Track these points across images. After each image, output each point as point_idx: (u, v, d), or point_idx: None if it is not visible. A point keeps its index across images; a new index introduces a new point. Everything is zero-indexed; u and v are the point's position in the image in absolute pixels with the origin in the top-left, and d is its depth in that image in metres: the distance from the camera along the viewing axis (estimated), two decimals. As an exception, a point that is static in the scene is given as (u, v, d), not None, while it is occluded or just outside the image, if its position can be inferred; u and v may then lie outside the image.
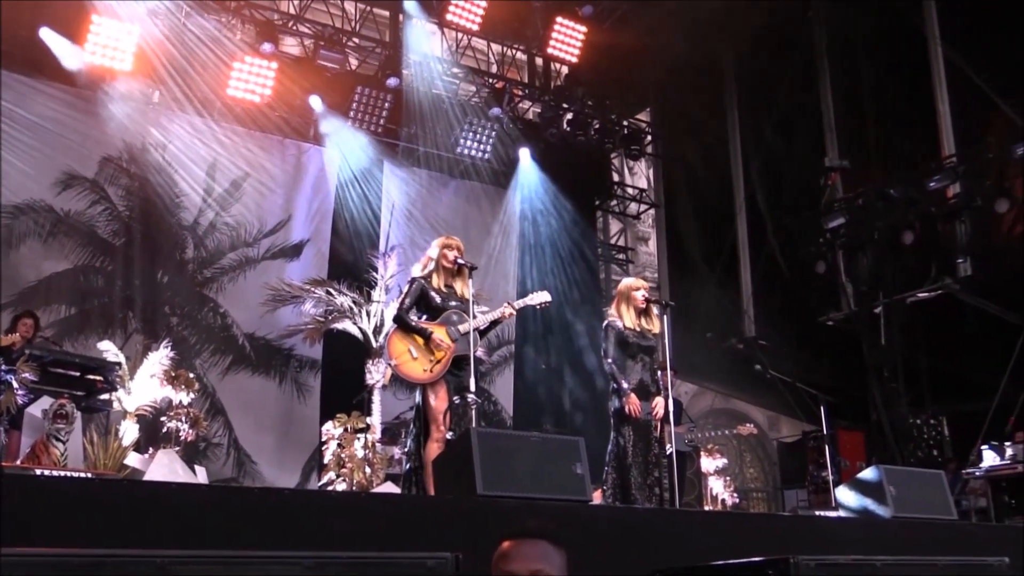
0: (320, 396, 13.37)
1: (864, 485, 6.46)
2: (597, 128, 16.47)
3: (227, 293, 13.26)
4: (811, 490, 13.85)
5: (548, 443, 5.26)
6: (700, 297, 15.94)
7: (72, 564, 2.39)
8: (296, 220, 13.88)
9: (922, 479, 6.80)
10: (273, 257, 13.63)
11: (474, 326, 6.64)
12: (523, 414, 15.26)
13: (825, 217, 14.84)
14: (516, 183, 15.78)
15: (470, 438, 4.79)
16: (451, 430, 6.42)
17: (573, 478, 4.99)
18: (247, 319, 13.18)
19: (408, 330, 6.68)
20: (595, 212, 17.73)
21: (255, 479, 12.67)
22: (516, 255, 15.90)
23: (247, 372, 13.17)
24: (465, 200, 15.44)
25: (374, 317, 12.85)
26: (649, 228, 19.95)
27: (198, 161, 13.02)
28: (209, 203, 13.20)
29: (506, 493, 4.65)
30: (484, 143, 15.01)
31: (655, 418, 7.12)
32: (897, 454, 13.26)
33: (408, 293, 6.80)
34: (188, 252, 13.10)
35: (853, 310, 14.84)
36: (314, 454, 12.26)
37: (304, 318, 12.86)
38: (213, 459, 12.38)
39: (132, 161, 12.57)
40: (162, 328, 12.42)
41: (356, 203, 14.16)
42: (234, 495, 4.17)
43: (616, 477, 6.99)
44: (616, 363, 7.14)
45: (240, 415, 12.90)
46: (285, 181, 13.88)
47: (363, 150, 14.21)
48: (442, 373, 6.59)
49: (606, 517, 5.20)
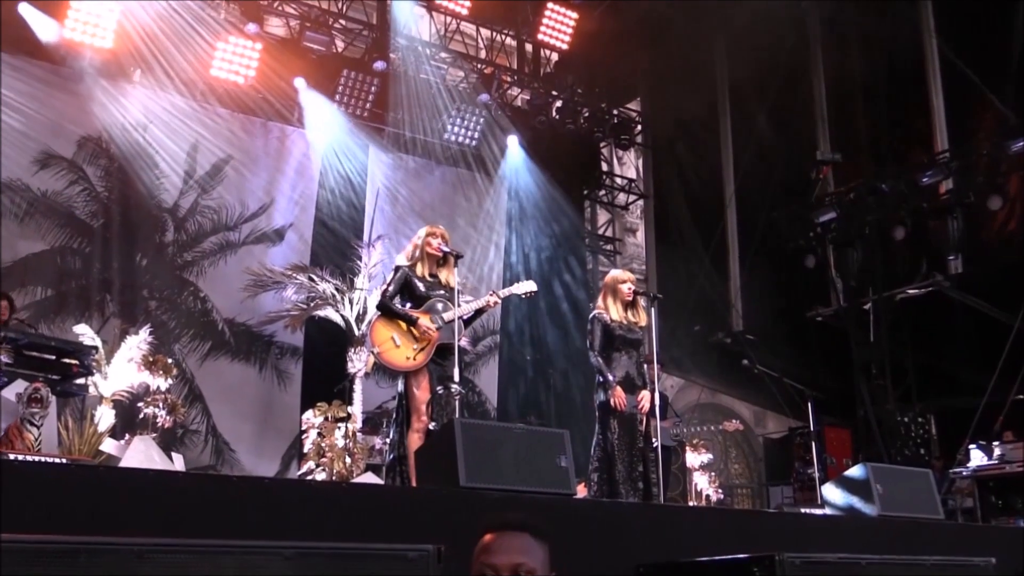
0: (301, 384, 13.36)
1: (850, 483, 6.48)
2: (586, 116, 16.46)
3: (207, 277, 13.21)
4: (797, 487, 13.91)
5: (532, 435, 5.25)
6: (688, 290, 15.98)
7: (46, 551, 2.38)
8: (278, 204, 13.83)
9: (909, 477, 6.83)
10: (255, 242, 13.58)
11: (458, 315, 6.64)
12: (507, 405, 15.28)
13: (816, 211, 14.89)
14: (504, 171, 15.76)
15: (453, 429, 4.79)
16: (434, 420, 6.42)
17: (557, 471, 4.99)
18: (227, 304, 13.14)
19: (392, 316, 6.67)
20: (583, 202, 17.72)
21: (233, 467, 12.64)
22: (502, 244, 15.89)
23: (227, 358, 13.13)
24: (452, 187, 15.42)
25: (357, 305, 12.82)
26: (637, 219, 19.96)
27: (179, 142, 12.94)
28: (190, 185, 13.13)
29: (489, 485, 4.65)
30: (472, 130, 14.98)
31: (641, 412, 7.13)
32: (884, 452, 13.34)
33: (392, 280, 6.80)
34: (168, 235, 13.04)
35: (842, 306, 14.91)
36: (294, 443, 12.25)
37: (286, 304, 12.82)
38: (191, 446, 12.35)
39: (111, 141, 12.48)
40: (140, 312, 12.37)
41: (340, 188, 14.12)
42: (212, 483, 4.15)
43: (601, 471, 7.00)
44: (602, 356, 7.15)
45: (219, 402, 12.86)
46: (268, 164, 13.82)
47: (348, 134, 14.16)
48: (425, 361, 6.58)
49: (590, 511, 5.21)
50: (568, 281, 16.07)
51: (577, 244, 16.73)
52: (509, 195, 15.98)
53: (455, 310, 6.61)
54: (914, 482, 6.76)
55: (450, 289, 6.78)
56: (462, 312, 6.75)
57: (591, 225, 17.91)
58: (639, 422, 7.14)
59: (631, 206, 18.88)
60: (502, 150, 15.62)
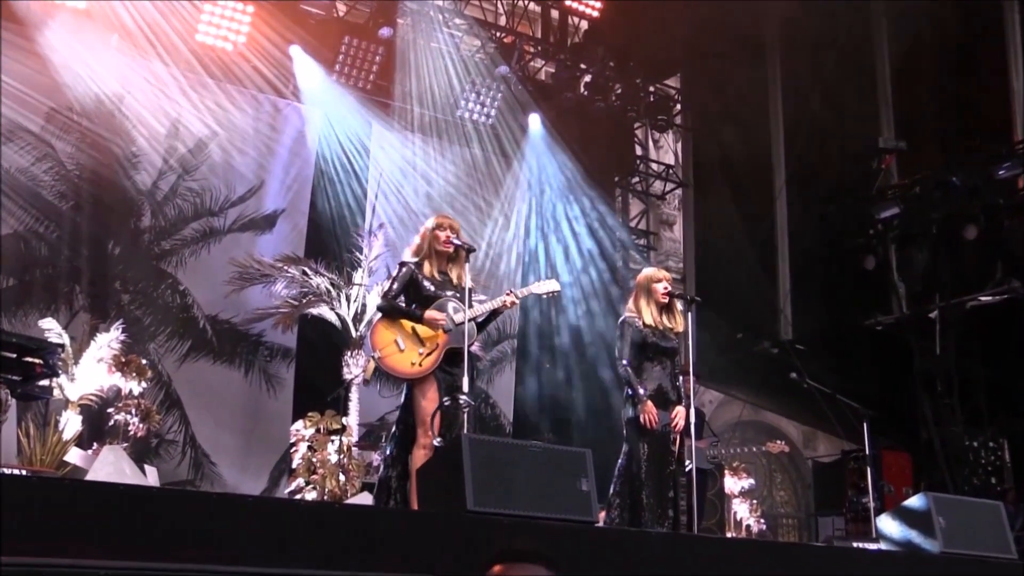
0: (293, 390, 13.39)
1: (910, 514, 6.47)
2: (619, 94, 16.43)
3: (188, 268, 13.25)
4: (849, 518, 13.88)
5: (550, 454, 5.27)
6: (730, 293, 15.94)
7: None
8: (269, 188, 13.85)
9: (977, 510, 6.81)
10: (242, 229, 13.62)
11: (470, 316, 6.63)
12: (524, 420, 15.28)
13: (876, 206, 14.83)
14: (524, 154, 15.75)
15: (460, 445, 4.81)
16: (440, 436, 6.43)
17: (577, 495, 5.00)
18: (210, 299, 13.17)
19: (396, 316, 6.67)
20: (614, 190, 17.69)
21: (214, 483, 12.68)
22: (521, 236, 15.89)
23: (208, 360, 13.17)
24: (465, 171, 15.41)
25: (355, 303, 12.85)
26: (675, 211, 19.90)
27: (159, 116, 12.98)
28: (170, 165, 13.16)
29: (500, 510, 4.66)
30: (489, 106, 14.98)
31: (674, 430, 7.14)
32: (949, 480, 13.28)
33: (396, 278, 6.80)
34: (144, 220, 13.08)
35: (905, 313, 14.84)
36: (284, 456, 12.26)
37: (275, 300, 12.85)
38: (166, 458, 12.39)
39: (83, 114, 12.54)
40: (112, 306, 12.43)
41: (339, 171, 14.14)
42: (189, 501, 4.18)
43: (626, 496, 7.01)
44: (632, 366, 7.16)
45: (199, 409, 12.90)
46: (258, 143, 13.84)
47: (349, 110, 14.18)
48: (432, 368, 6.58)
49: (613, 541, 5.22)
50: (595, 280, 16.05)
51: (607, 238, 16.70)
52: (530, 181, 15.96)
53: (466, 311, 6.59)
54: (982, 515, 6.74)
55: (462, 289, 6.77)
56: (475, 314, 6.75)
57: (623, 217, 17.88)
58: (672, 441, 7.14)
59: (668, 196, 18.84)
60: (523, 130, 15.61)
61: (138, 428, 9.31)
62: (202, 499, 4.21)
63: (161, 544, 3.49)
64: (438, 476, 5.09)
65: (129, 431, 9.27)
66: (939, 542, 6.18)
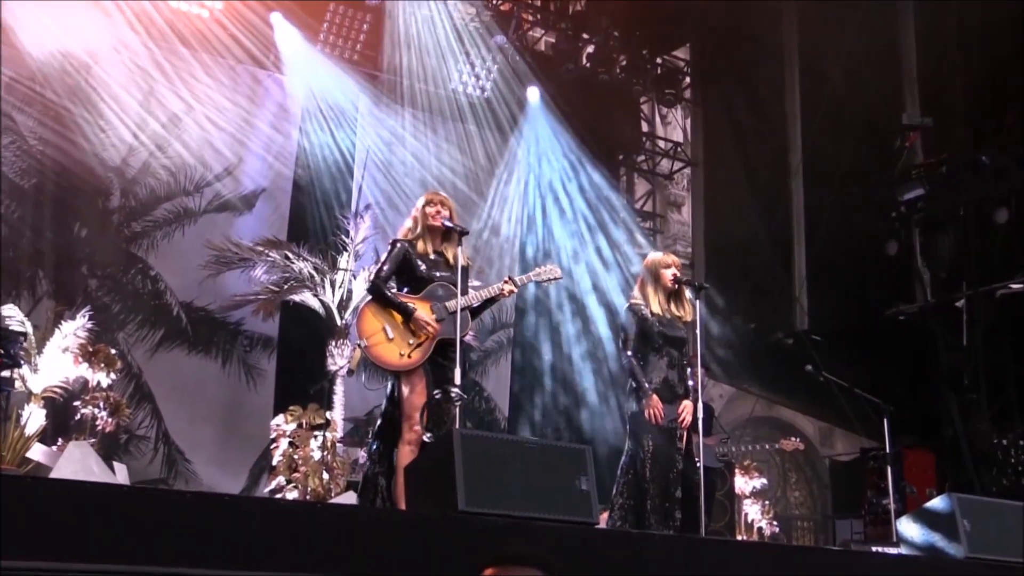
0: (275, 382, 13.40)
1: (932, 517, 6.48)
2: (624, 65, 16.42)
3: (160, 252, 13.26)
4: (868, 520, 13.90)
5: (548, 451, 5.28)
6: (742, 279, 15.94)
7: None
8: (248, 165, 13.84)
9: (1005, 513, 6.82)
10: (218, 210, 13.62)
11: (464, 304, 6.63)
12: (521, 415, 15.31)
13: (900, 187, 14.80)
14: (522, 130, 15.74)
15: (451, 441, 4.81)
16: (428, 431, 6.43)
17: (576, 495, 5.01)
18: (184, 285, 13.18)
19: (385, 304, 6.66)
20: (619, 169, 17.69)
21: (189, 481, 12.71)
22: (519, 219, 15.89)
23: (182, 350, 13.18)
24: (458, 149, 15.41)
25: (340, 289, 12.87)
26: (683, 191, 19.88)
27: (130, 87, 12.95)
28: (142, 140, 13.15)
29: (493, 511, 4.67)
30: (484, 79, 14.98)
31: (681, 426, 7.14)
32: (976, 480, 13.29)
33: (388, 258, 6.76)
34: (113, 200, 13.08)
35: (929, 302, 14.84)
36: (264, 453, 12.30)
37: (255, 286, 12.87)
38: (137, 455, 12.42)
39: (47, 85, 12.50)
40: (78, 292, 12.42)
41: (324, 148, 14.13)
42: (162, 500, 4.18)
43: (630, 496, 7.02)
44: (637, 357, 7.16)
45: (173, 402, 12.93)
46: (236, 117, 13.81)
47: (334, 82, 14.17)
48: (422, 359, 6.57)
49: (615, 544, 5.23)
50: (598, 265, 16.05)
51: (610, 221, 16.69)
52: (528, 159, 15.96)
53: (460, 298, 6.58)
54: (1010, 518, 6.75)
55: (455, 272, 6.75)
56: (469, 300, 6.74)
57: (628, 198, 17.88)
58: (678, 438, 7.15)
59: (676, 175, 18.84)
60: (520, 104, 15.61)
61: (106, 423, 9.31)
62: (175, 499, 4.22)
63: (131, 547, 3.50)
64: (427, 474, 5.10)
65: (97, 426, 9.27)
66: (964, 547, 6.19)
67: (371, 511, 6.06)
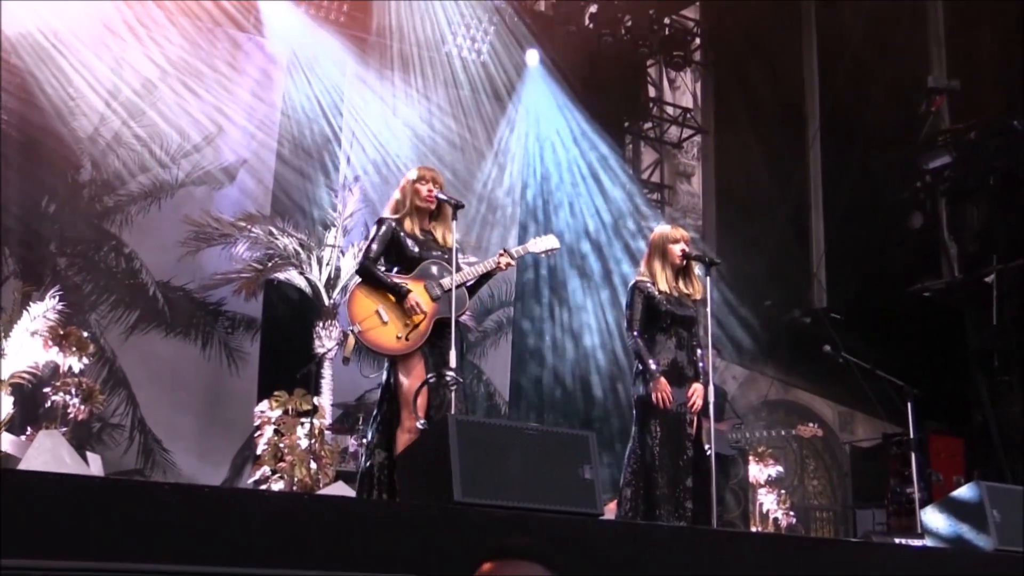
0: (259, 366, 13.41)
1: (959, 506, 6.49)
2: (629, 26, 16.36)
3: (135, 228, 13.25)
4: (891, 510, 13.93)
5: (549, 438, 5.28)
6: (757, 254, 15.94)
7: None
8: (229, 135, 13.82)
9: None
10: (197, 183, 13.60)
11: (460, 281, 6.63)
12: (522, 399, 15.33)
13: (925, 155, 14.80)
14: (520, 96, 15.72)
15: (446, 428, 4.81)
16: (425, 417, 6.43)
17: (580, 484, 5.02)
18: (161, 263, 13.18)
19: (376, 285, 6.67)
20: (624, 137, 17.67)
21: (167, 472, 12.74)
22: (518, 190, 15.88)
23: (159, 332, 13.19)
24: (452, 117, 15.39)
25: (327, 266, 12.87)
26: (693, 160, 19.86)
27: (101, 52, 12.92)
28: (113, 109, 13.12)
29: (492, 501, 4.68)
30: (480, 41, 14.94)
31: (691, 410, 7.15)
32: (1006, 468, 13.33)
33: (375, 237, 6.77)
34: (84, 173, 13.06)
35: (956, 278, 14.85)
36: (248, 442, 12.32)
37: (237, 264, 12.87)
38: (111, 445, 12.44)
39: (12, 50, 12.47)
40: (47, 271, 12.42)
41: (309, 116, 14.12)
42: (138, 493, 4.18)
43: (636, 485, 7.04)
44: (643, 337, 7.16)
45: (149, 388, 12.94)
46: (215, 84, 13.78)
47: (320, 46, 14.13)
48: (421, 341, 6.58)
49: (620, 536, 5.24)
50: (602, 240, 16.06)
51: (615, 191, 16.68)
52: (527, 127, 15.94)
53: (454, 275, 6.58)
54: (1042, 508, 6.76)
55: (448, 248, 6.76)
56: (464, 277, 6.74)
57: (634, 168, 17.87)
58: (688, 423, 7.16)
59: (686, 144, 18.82)
60: (519, 69, 15.58)
61: (78, 410, 9.32)
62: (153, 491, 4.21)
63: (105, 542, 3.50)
64: (421, 463, 5.10)
65: (68, 414, 9.28)
66: (993, 538, 6.20)
67: (361, 503, 6.07)
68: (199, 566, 2.77)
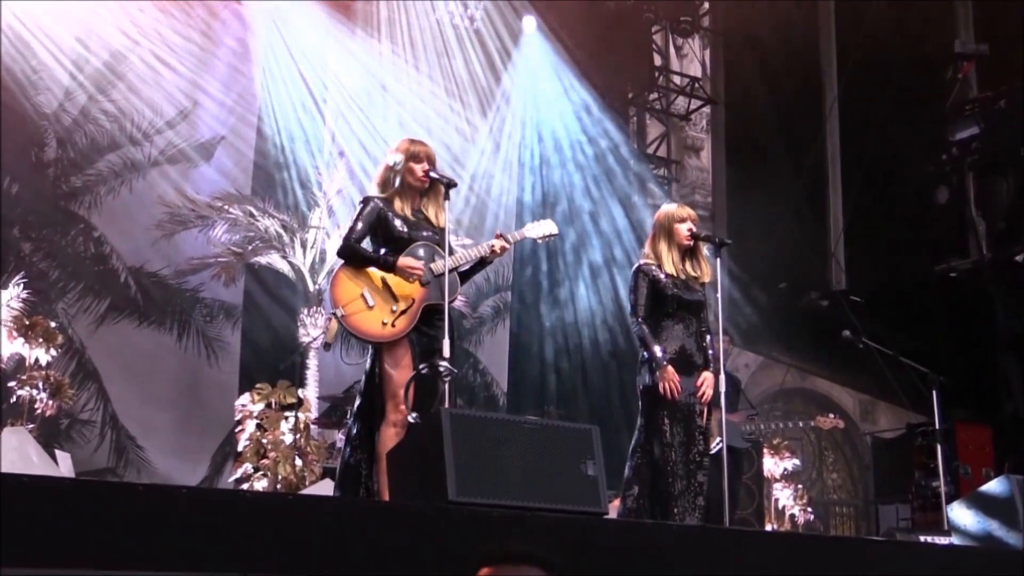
0: (240, 357, 13.41)
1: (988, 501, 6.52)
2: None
3: (104, 210, 13.21)
4: (916, 506, 13.96)
5: (549, 432, 5.28)
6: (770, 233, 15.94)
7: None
8: (205, 110, 13.79)
9: (1071, 496, 6.84)
10: (171, 161, 13.57)
11: (452, 265, 6.62)
12: (521, 390, 15.34)
13: (951, 125, 14.81)
14: (517, 65, 15.70)
15: (440, 423, 4.82)
16: (415, 410, 6.42)
17: (582, 482, 5.03)
18: (133, 248, 13.16)
19: (360, 263, 6.63)
20: (628, 109, 17.66)
21: (142, 471, 12.74)
22: (513, 168, 15.87)
23: (132, 321, 13.17)
24: (443, 88, 15.38)
25: (312, 249, 12.86)
26: (702, 133, 19.87)
27: (66, 22, 12.89)
28: (80, 82, 13.09)
29: (488, 501, 4.69)
30: (474, 7, 14.91)
31: (701, 401, 7.16)
32: (1038, 460, 13.37)
33: (360, 216, 6.70)
34: (49, 151, 13.02)
35: (985, 257, 14.86)
36: (229, 438, 12.33)
37: (215, 248, 12.86)
38: (81, 442, 12.42)
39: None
40: (11, 257, 12.39)
41: (291, 89, 14.09)
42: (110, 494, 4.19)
43: (642, 481, 7.05)
44: (649, 323, 7.16)
45: (122, 381, 12.92)
46: (190, 55, 13.76)
47: (301, 14, 14.11)
48: (408, 328, 6.56)
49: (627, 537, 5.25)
50: (604, 220, 16.06)
51: (619, 168, 16.67)
52: (524, 99, 15.92)
53: (447, 259, 6.56)
54: (1078, 502, 6.77)
55: (441, 230, 6.73)
56: (458, 261, 6.73)
57: (639, 142, 17.86)
58: (698, 415, 7.17)
59: (694, 115, 18.81)
60: (515, 36, 15.56)
61: (46, 406, 9.32)
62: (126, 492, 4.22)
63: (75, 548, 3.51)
64: (413, 460, 5.11)
65: (35, 409, 9.28)
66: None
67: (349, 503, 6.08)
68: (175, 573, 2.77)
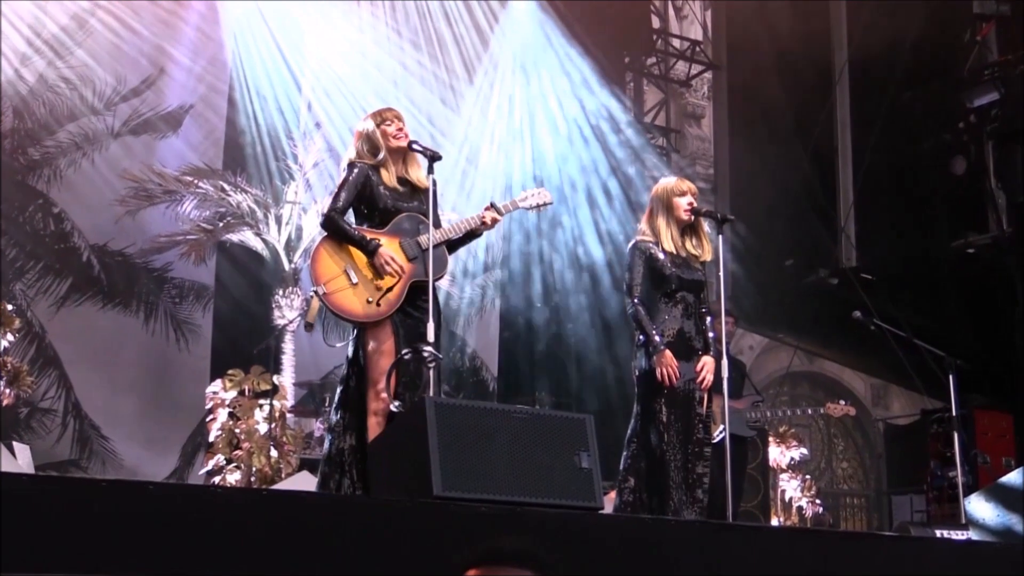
0: (212, 340, 13.40)
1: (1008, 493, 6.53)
2: (629, -53, 16.33)
3: (65, 184, 13.19)
4: (932, 497, 14.01)
5: (541, 422, 5.29)
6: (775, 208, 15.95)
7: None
8: (173, 77, 13.76)
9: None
10: (135, 132, 13.55)
11: (439, 238, 6.58)
12: (513, 376, 15.35)
13: (969, 91, 14.79)
14: (504, 29, 15.67)
15: (424, 412, 4.82)
16: (398, 398, 6.40)
17: (576, 475, 5.03)
18: (95, 224, 13.14)
19: (343, 240, 6.59)
20: (624, 74, 17.64)
21: (107, 462, 12.75)
22: (503, 139, 15.85)
23: (95, 303, 13.16)
24: (428, 55, 15.35)
25: (287, 226, 12.86)
26: (704, 100, 19.86)
27: (21, -18, 12.88)
28: (37, 47, 13.05)
29: (476, 495, 4.69)
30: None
31: (701, 387, 7.16)
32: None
33: (345, 183, 6.59)
34: (4, 121, 12.98)
35: (1005, 232, 14.87)
36: (200, 427, 12.34)
37: (184, 225, 12.84)
38: (41, 433, 12.44)
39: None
40: (-36, 237, 12.40)
41: (264, 56, 14.05)
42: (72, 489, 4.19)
43: (639, 472, 7.05)
44: (645, 304, 7.16)
45: (85, 368, 12.92)
46: (156, 18, 13.72)
47: (274, -28, 14.09)
48: (394, 308, 6.52)
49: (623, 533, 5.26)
50: (598, 194, 16.06)
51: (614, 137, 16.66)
52: (514, 66, 15.90)
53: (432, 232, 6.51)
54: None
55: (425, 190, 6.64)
56: (444, 236, 6.69)
57: (635, 109, 17.85)
58: (697, 402, 7.17)
59: (695, 81, 18.80)
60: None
61: (3, 394, 9.32)
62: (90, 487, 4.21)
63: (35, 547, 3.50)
64: (396, 452, 5.11)
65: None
66: (1046, 529, 6.25)
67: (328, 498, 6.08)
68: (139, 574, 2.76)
